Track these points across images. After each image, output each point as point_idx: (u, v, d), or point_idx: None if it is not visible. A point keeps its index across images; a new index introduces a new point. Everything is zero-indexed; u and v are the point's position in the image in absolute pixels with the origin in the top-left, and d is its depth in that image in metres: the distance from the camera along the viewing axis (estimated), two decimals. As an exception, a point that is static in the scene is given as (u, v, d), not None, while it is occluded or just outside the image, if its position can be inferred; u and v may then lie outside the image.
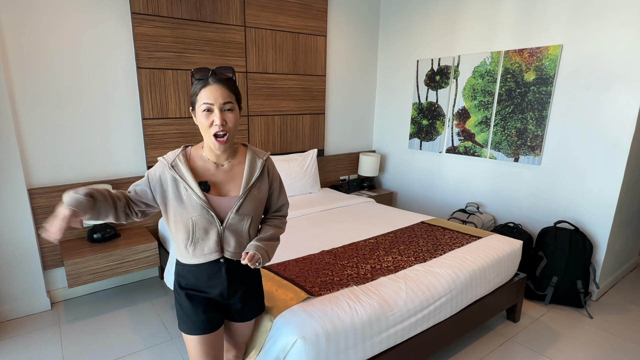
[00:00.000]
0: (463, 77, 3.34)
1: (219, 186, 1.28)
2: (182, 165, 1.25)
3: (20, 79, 2.35)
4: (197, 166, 1.28)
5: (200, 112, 1.20)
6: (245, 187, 1.28)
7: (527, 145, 2.98)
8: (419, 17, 3.67)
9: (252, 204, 1.30)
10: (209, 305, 1.32)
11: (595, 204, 2.70)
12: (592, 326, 2.49)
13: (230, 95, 1.21)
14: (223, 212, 1.27)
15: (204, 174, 1.27)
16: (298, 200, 3.29)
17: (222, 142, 1.22)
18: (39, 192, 2.46)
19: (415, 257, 2.15)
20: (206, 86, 1.19)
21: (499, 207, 3.29)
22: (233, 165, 1.31)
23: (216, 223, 1.25)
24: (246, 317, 1.43)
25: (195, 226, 1.24)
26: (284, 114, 3.50)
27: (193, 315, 1.31)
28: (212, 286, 1.31)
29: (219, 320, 1.36)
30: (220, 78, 1.21)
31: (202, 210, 1.23)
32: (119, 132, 2.73)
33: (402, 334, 1.77)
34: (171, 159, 1.27)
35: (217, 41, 2.98)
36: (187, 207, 1.23)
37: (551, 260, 2.68)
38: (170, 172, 1.24)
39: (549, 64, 2.78)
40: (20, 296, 2.49)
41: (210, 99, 1.18)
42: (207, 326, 1.32)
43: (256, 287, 1.44)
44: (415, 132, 3.85)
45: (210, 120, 1.19)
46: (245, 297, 1.38)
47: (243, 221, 1.29)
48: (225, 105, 1.20)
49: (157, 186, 1.26)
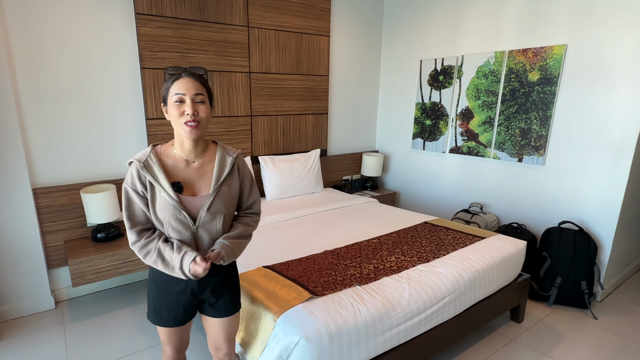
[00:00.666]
0: (467, 77, 3.34)
1: (190, 185, 1.29)
2: (154, 165, 1.26)
3: (26, 79, 2.36)
4: (168, 165, 1.29)
5: (172, 103, 1.23)
6: (215, 185, 1.30)
7: (531, 145, 2.97)
8: (423, 16, 3.66)
9: (223, 201, 1.31)
10: (177, 302, 1.35)
11: (599, 205, 2.69)
12: (597, 327, 2.48)
13: (201, 88, 1.25)
14: (195, 211, 1.28)
15: (175, 173, 1.28)
16: (301, 200, 3.29)
17: (193, 126, 1.22)
18: (43, 191, 2.48)
19: (418, 257, 2.15)
20: (178, 79, 1.23)
21: (502, 208, 3.28)
22: (203, 162, 1.33)
23: (189, 223, 1.26)
24: (223, 313, 1.43)
25: (168, 227, 1.26)
26: (287, 114, 3.50)
27: (161, 311, 1.36)
28: (183, 283, 1.33)
29: (186, 317, 1.40)
30: (191, 73, 1.26)
31: (174, 211, 1.24)
32: (122, 132, 2.74)
33: (405, 334, 1.76)
34: (142, 159, 1.26)
35: (220, 41, 2.98)
36: (160, 208, 1.25)
37: (555, 260, 2.67)
38: (143, 173, 1.24)
39: (553, 64, 2.77)
40: (25, 295, 2.51)
41: (182, 89, 1.22)
42: (172, 322, 1.38)
43: (229, 282, 1.43)
44: (418, 132, 3.84)
45: (182, 110, 1.22)
46: (217, 291, 1.39)
47: (215, 219, 1.30)
48: (197, 96, 1.23)
49: (143, 188, 1.26)
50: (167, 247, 1.24)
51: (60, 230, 2.58)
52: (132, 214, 1.27)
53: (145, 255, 1.25)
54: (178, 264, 1.22)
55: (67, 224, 2.60)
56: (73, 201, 2.58)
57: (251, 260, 2.08)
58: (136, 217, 1.27)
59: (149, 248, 1.24)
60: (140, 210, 1.27)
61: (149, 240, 1.25)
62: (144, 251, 1.24)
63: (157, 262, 1.24)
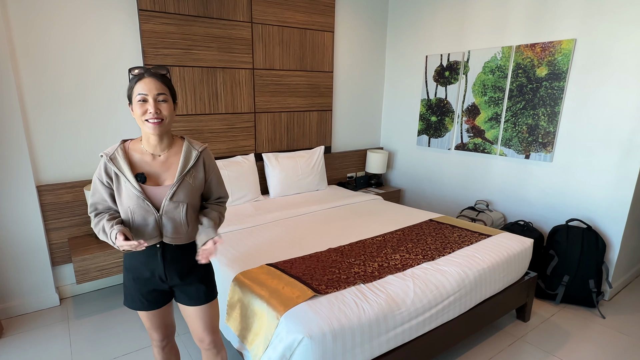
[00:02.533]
0: (473, 72, 3.29)
1: (155, 176, 1.36)
2: (120, 158, 1.33)
3: (29, 77, 2.36)
4: (135, 158, 1.36)
5: (135, 102, 1.29)
6: (179, 175, 1.35)
7: (539, 141, 2.93)
8: (428, 11, 3.62)
9: (186, 192, 1.37)
10: (149, 286, 1.42)
11: (608, 202, 2.64)
12: (605, 326, 2.44)
13: (164, 88, 1.31)
14: (158, 200, 1.34)
15: (141, 166, 1.35)
16: (305, 197, 3.27)
17: (155, 123, 1.28)
18: (47, 189, 2.48)
19: (423, 255, 2.12)
20: (141, 79, 1.28)
21: (509, 205, 3.24)
22: (169, 155, 1.39)
23: (152, 211, 1.32)
24: (196, 302, 1.45)
25: (133, 214, 1.32)
26: (290, 111, 3.48)
27: (135, 294, 1.43)
28: (150, 269, 1.39)
29: (160, 300, 1.46)
30: (154, 73, 1.31)
31: (138, 200, 1.31)
32: (125, 129, 2.74)
33: (410, 333, 1.74)
34: (110, 152, 1.34)
35: (223, 38, 2.96)
36: (124, 197, 1.32)
37: (562, 259, 2.63)
38: (109, 165, 1.31)
39: (561, 59, 2.72)
40: (29, 292, 2.52)
41: (144, 90, 1.27)
42: (147, 305, 1.44)
43: (199, 269, 1.46)
44: (423, 128, 3.80)
45: (145, 109, 1.28)
46: (188, 278, 1.43)
47: (178, 208, 1.36)
48: (159, 96, 1.29)
49: (109, 179, 1.33)
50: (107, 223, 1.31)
51: (64, 228, 2.59)
52: (94, 201, 1.36)
53: (97, 232, 1.33)
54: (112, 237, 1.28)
55: (71, 221, 2.60)
56: (77, 198, 2.58)
57: (254, 257, 2.06)
58: (98, 204, 1.36)
59: (100, 225, 1.32)
60: (102, 198, 1.35)
61: (100, 219, 1.33)
62: (97, 228, 1.33)
63: (100, 234, 1.32)
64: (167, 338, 1.57)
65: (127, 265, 1.43)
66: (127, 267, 1.43)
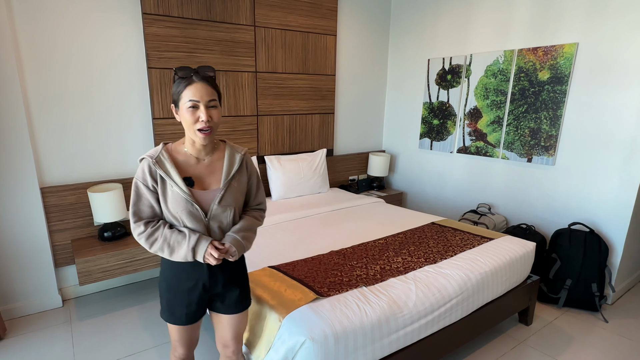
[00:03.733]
0: (475, 76, 3.30)
1: (200, 180, 1.33)
2: (166, 161, 1.29)
3: (34, 79, 2.38)
4: (179, 161, 1.33)
5: (185, 109, 1.24)
6: (225, 180, 1.34)
7: (541, 145, 2.93)
8: (430, 15, 3.63)
9: (233, 196, 1.36)
10: (190, 298, 1.37)
11: (611, 205, 2.64)
12: (608, 330, 2.43)
13: (214, 93, 1.27)
14: (206, 204, 1.32)
15: (186, 169, 1.32)
16: (307, 200, 3.28)
17: (207, 133, 1.27)
18: (51, 190, 2.49)
19: (425, 258, 2.12)
20: (191, 84, 1.24)
21: (511, 208, 3.23)
22: (213, 159, 1.37)
23: (201, 216, 1.30)
24: (233, 310, 1.44)
25: (181, 220, 1.29)
26: (293, 114, 3.49)
27: (174, 308, 1.38)
28: (194, 278, 1.35)
29: (198, 314, 1.43)
30: (203, 76, 1.26)
31: (186, 205, 1.28)
32: (129, 131, 2.75)
33: (412, 336, 1.74)
34: (154, 155, 1.29)
35: (226, 41, 2.98)
36: (172, 202, 1.28)
37: (565, 262, 2.63)
38: (155, 168, 1.27)
39: (564, 63, 2.72)
40: (32, 293, 2.53)
41: (195, 96, 1.23)
42: (185, 318, 1.39)
43: (239, 277, 1.45)
44: (425, 131, 3.81)
45: (196, 117, 1.24)
46: (228, 286, 1.41)
47: (226, 212, 1.35)
48: (210, 102, 1.26)
49: (154, 183, 1.29)
50: (173, 233, 1.27)
51: (68, 229, 2.60)
52: (139, 209, 1.29)
53: (152, 243, 1.28)
54: (191, 245, 1.25)
55: (75, 222, 2.61)
56: (80, 200, 2.60)
57: (257, 260, 2.07)
58: (143, 212, 1.30)
59: (155, 236, 1.27)
60: (148, 204, 1.30)
61: (155, 229, 1.28)
62: (150, 240, 1.27)
63: (163, 248, 1.27)
64: (190, 352, 1.52)
65: (167, 275, 1.37)
66: (167, 278, 1.37)
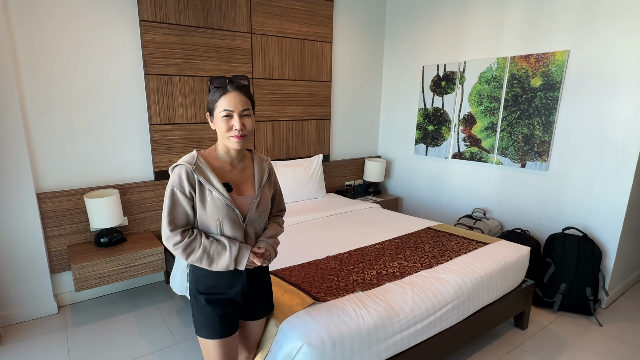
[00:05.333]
0: (469, 82, 3.34)
1: (236, 186, 1.37)
2: (204, 166, 1.31)
3: (31, 85, 2.39)
4: (215, 167, 1.35)
5: (219, 117, 1.28)
6: (259, 187, 1.40)
7: (534, 150, 2.96)
8: (425, 23, 3.68)
9: (266, 201, 1.42)
10: (228, 308, 1.37)
11: (604, 210, 2.67)
12: (602, 334, 2.45)
13: (247, 102, 1.31)
14: (245, 209, 1.36)
15: (222, 175, 1.35)
16: (304, 205, 3.29)
17: (240, 138, 1.30)
18: (47, 196, 2.49)
19: (421, 263, 2.14)
20: (225, 94, 1.27)
21: (505, 213, 3.26)
22: (244, 166, 1.42)
23: (240, 221, 1.34)
24: (259, 315, 1.50)
25: (221, 225, 1.31)
26: (289, 120, 3.52)
27: (212, 320, 1.34)
28: (233, 285, 1.37)
29: (237, 323, 1.43)
30: (237, 86, 1.29)
31: (227, 210, 1.30)
32: (126, 137, 2.76)
33: (409, 341, 1.75)
34: (192, 161, 1.30)
35: (223, 48, 3.01)
36: (212, 209, 1.29)
37: (559, 267, 2.65)
38: (194, 174, 1.28)
39: (555, 70, 2.77)
40: (27, 300, 2.51)
41: (230, 106, 1.27)
42: (226, 330, 1.37)
43: (268, 283, 1.53)
44: (421, 137, 3.84)
45: (230, 125, 1.28)
46: (261, 293, 1.47)
47: (261, 217, 1.40)
48: (244, 111, 1.29)
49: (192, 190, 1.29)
50: (212, 244, 1.29)
51: (64, 235, 2.59)
52: (175, 217, 1.29)
53: (189, 253, 1.27)
54: (234, 256, 1.29)
55: (71, 228, 2.61)
56: (77, 206, 2.59)
57: (254, 265, 2.07)
58: (179, 219, 1.29)
59: (193, 246, 1.27)
60: (184, 212, 1.30)
61: (192, 239, 1.28)
62: (188, 250, 1.27)
63: (202, 258, 1.28)
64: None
65: (201, 288, 1.35)
66: (202, 290, 1.35)
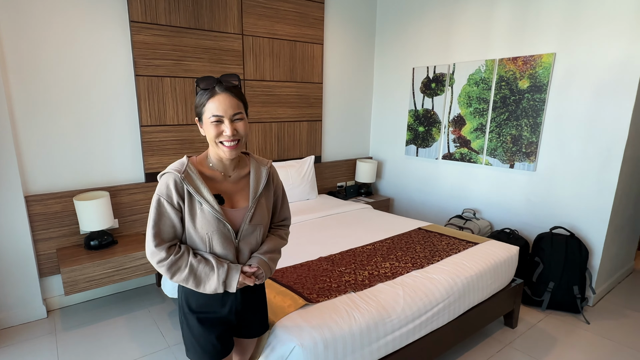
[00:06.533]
0: (458, 84, 3.38)
1: (228, 197, 1.23)
2: (194, 176, 1.17)
3: (19, 85, 2.35)
4: (206, 176, 1.22)
5: (208, 123, 1.15)
6: (254, 198, 1.25)
7: (522, 151, 3.01)
8: (414, 25, 3.71)
9: (262, 213, 1.27)
10: (221, 328, 1.28)
11: (590, 210, 2.73)
12: (589, 332, 2.50)
13: (239, 105, 1.17)
14: (237, 224, 1.22)
15: (213, 185, 1.22)
16: (296, 206, 3.29)
17: (232, 147, 1.16)
18: (36, 199, 2.46)
19: (412, 263, 2.16)
20: (213, 96, 1.14)
21: (495, 213, 3.31)
22: (239, 174, 1.27)
23: (232, 236, 1.21)
24: (253, 334, 1.43)
25: (211, 241, 1.18)
26: (281, 121, 3.52)
27: (205, 342, 1.25)
28: (225, 303, 1.26)
29: (231, 344, 1.33)
30: (226, 87, 1.15)
31: (218, 225, 1.17)
32: (116, 139, 2.74)
33: (401, 341, 1.77)
34: (181, 169, 1.17)
35: (214, 49, 3.00)
36: (202, 222, 1.17)
37: (547, 265, 2.70)
38: (183, 184, 1.15)
39: (542, 72, 2.82)
40: (16, 304, 2.47)
41: (219, 110, 1.13)
42: (219, 353, 1.27)
43: (263, 300, 1.44)
44: (411, 138, 3.88)
45: (220, 131, 1.15)
46: (255, 310, 1.38)
47: (256, 231, 1.26)
48: (235, 115, 1.15)
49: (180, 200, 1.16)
50: (200, 264, 1.16)
51: (53, 238, 2.56)
52: (161, 230, 1.16)
53: (174, 272, 1.15)
54: (222, 279, 1.16)
55: (60, 231, 2.57)
56: (66, 208, 2.56)
57: (246, 267, 2.07)
58: (165, 233, 1.17)
59: (178, 265, 1.15)
60: (171, 225, 1.17)
61: (178, 257, 1.15)
62: (173, 269, 1.15)
63: (188, 280, 1.16)
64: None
65: (192, 307, 1.24)
66: (193, 309, 1.24)
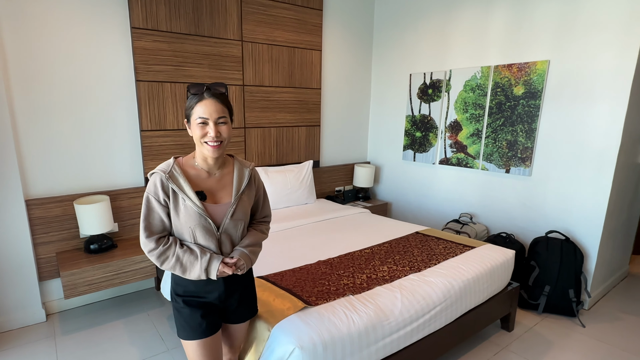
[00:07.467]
0: (455, 90, 3.43)
1: (212, 194, 1.36)
2: (178, 175, 1.31)
3: (20, 90, 2.38)
4: (191, 175, 1.35)
5: (195, 124, 1.28)
6: (236, 194, 1.38)
7: (518, 156, 3.05)
8: (411, 32, 3.77)
9: (243, 210, 1.40)
10: (206, 310, 1.38)
11: (584, 214, 2.76)
12: (585, 335, 2.53)
13: (224, 110, 1.30)
14: (219, 218, 1.35)
15: (197, 183, 1.35)
16: (294, 211, 3.31)
17: (215, 146, 1.29)
18: (36, 202, 2.47)
19: (410, 266, 2.18)
20: (201, 101, 1.27)
21: (491, 218, 3.34)
22: (223, 174, 1.41)
23: (214, 230, 1.33)
24: (241, 319, 1.50)
25: (194, 234, 1.31)
26: (280, 126, 3.55)
27: (191, 321, 1.36)
28: (210, 291, 1.38)
29: (217, 324, 1.43)
30: (214, 93, 1.29)
31: (200, 219, 1.30)
32: (117, 143, 2.76)
33: (398, 343, 1.79)
34: (166, 169, 1.31)
35: (214, 55, 3.04)
36: (185, 217, 1.30)
37: (543, 269, 2.73)
38: (168, 183, 1.29)
39: (536, 79, 2.87)
40: (15, 308, 2.48)
41: (205, 113, 1.27)
42: (206, 330, 1.37)
43: (250, 288, 1.52)
44: (408, 143, 3.91)
45: (205, 132, 1.28)
46: (241, 299, 1.46)
47: (237, 226, 1.38)
48: (220, 119, 1.29)
49: (166, 197, 1.30)
50: (185, 253, 1.30)
51: (53, 242, 2.57)
52: (150, 223, 1.30)
53: (163, 261, 1.29)
54: (204, 267, 1.29)
55: (60, 235, 2.59)
56: (66, 212, 2.58)
57: (245, 270, 2.09)
58: (154, 226, 1.31)
59: (167, 254, 1.29)
60: (159, 219, 1.31)
61: (167, 247, 1.29)
62: (162, 257, 1.29)
63: (175, 267, 1.29)
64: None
65: (180, 291, 1.38)
66: (181, 293, 1.37)
